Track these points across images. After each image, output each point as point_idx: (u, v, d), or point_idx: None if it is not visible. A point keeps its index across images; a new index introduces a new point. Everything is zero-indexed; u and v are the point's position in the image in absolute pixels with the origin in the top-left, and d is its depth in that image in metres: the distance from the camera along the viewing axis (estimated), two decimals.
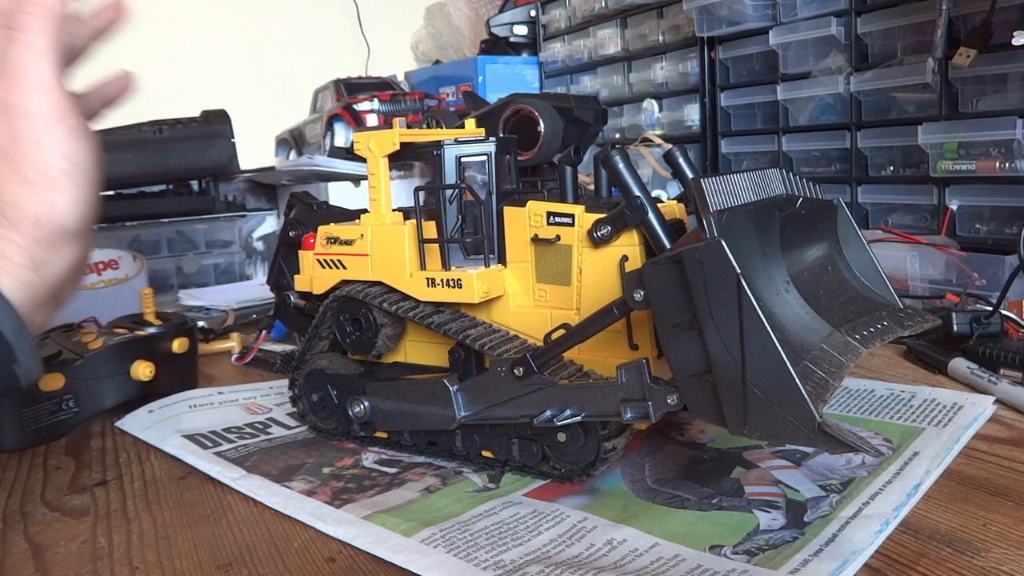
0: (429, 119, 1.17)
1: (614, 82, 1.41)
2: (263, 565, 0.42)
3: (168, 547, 0.44)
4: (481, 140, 0.52)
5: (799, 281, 0.46)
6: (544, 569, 0.39)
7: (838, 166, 1.07)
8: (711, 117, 1.23)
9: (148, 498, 0.51)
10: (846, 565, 0.38)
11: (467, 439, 0.52)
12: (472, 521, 0.45)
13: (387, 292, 0.53)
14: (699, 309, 0.36)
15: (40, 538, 0.46)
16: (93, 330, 0.71)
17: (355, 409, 0.55)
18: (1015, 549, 0.39)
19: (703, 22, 1.17)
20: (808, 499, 0.45)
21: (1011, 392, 0.59)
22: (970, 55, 0.85)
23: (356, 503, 0.48)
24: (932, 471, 0.48)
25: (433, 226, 0.52)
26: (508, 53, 1.60)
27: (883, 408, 0.59)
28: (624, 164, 0.45)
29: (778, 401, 0.35)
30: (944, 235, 0.92)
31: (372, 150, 0.53)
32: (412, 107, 1.38)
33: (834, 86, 1.02)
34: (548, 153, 1.04)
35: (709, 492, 0.47)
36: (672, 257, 0.37)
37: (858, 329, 0.45)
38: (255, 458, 0.56)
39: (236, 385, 0.73)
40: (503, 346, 0.49)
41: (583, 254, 0.48)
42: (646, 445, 0.55)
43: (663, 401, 0.41)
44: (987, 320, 0.68)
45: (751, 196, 0.42)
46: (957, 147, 0.90)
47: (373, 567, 0.41)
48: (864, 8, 0.99)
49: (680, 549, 0.41)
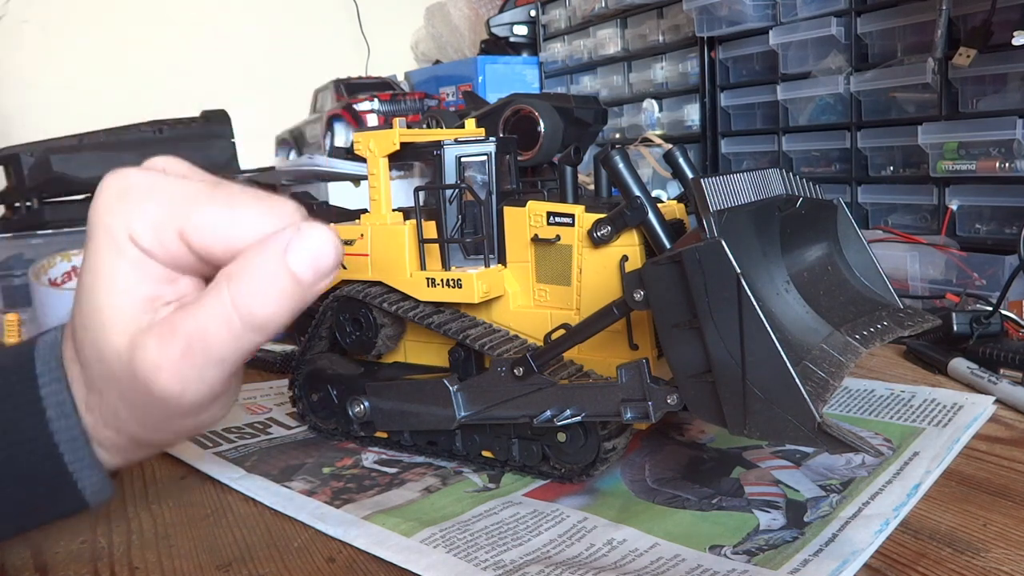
0: (429, 119, 1.17)
1: (614, 82, 1.41)
2: (263, 565, 0.42)
3: (168, 547, 0.44)
4: (481, 140, 0.52)
5: (799, 281, 0.46)
6: (544, 569, 0.39)
7: (838, 166, 1.07)
8: (711, 117, 1.23)
9: (148, 498, 0.51)
10: (846, 565, 0.38)
11: (467, 439, 0.52)
12: (472, 521, 0.45)
13: (387, 292, 0.53)
14: (699, 309, 0.36)
15: (40, 538, 0.46)
16: None
17: (355, 409, 0.55)
18: (1015, 549, 0.39)
19: (703, 22, 1.17)
20: (808, 499, 0.46)
21: (1011, 392, 0.59)
22: (970, 55, 0.85)
23: (356, 503, 0.48)
24: (932, 471, 0.48)
25: (433, 226, 0.52)
26: (508, 53, 1.60)
27: (883, 408, 0.59)
28: (624, 164, 0.45)
29: (778, 401, 0.35)
30: (944, 235, 0.92)
31: (372, 150, 0.53)
32: (412, 107, 1.38)
33: (834, 86, 1.02)
34: (548, 153, 1.04)
35: (709, 492, 0.47)
36: (672, 257, 0.37)
37: (858, 329, 0.45)
38: (255, 458, 0.56)
39: None
40: (503, 346, 0.49)
41: (583, 254, 0.48)
42: (646, 445, 0.55)
43: (663, 401, 0.41)
44: (987, 320, 0.68)
45: (751, 196, 0.42)
46: (957, 147, 0.90)
47: (373, 567, 0.41)
48: (864, 8, 0.99)
49: (680, 549, 0.41)
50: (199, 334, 0.32)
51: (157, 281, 0.34)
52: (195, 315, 0.33)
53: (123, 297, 0.34)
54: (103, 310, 0.34)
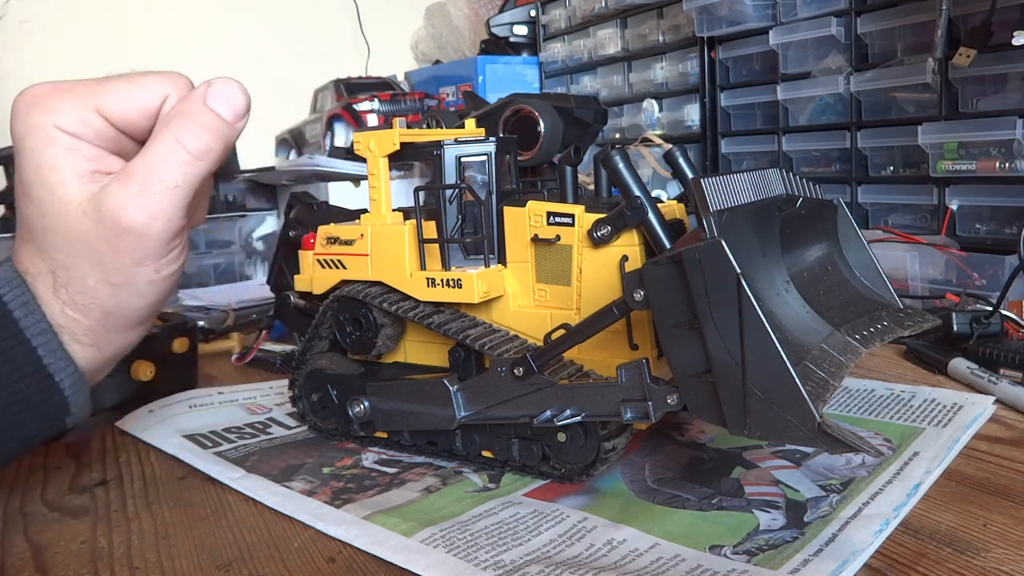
0: (429, 119, 1.17)
1: (614, 82, 1.41)
2: (263, 565, 0.42)
3: (168, 547, 0.44)
4: (481, 140, 0.52)
5: (799, 281, 0.46)
6: (544, 569, 0.39)
7: (838, 166, 1.07)
8: (711, 117, 1.23)
9: (148, 498, 0.51)
10: (846, 565, 0.38)
11: (467, 439, 0.52)
12: (472, 521, 0.45)
13: (387, 292, 0.53)
14: (699, 309, 0.36)
15: (40, 538, 0.46)
16: None
17: (355, 409, 0.55)
18: (1015, 549, 0.39)
19: (703, 22, 1.17)
20: (808, 499, 0.46)
21: (1011, 392, 0.59)
22: (970, 55, 0.85)
23: (356, 503, 0.48)
24: (932, 471, 0.48)
25: (433, 226, 0.52)
26: (508, 53, 1.60)
27: (883, 408, 0.59)
28: (624, 164, 0.45)
29: (778, 401, 0.35)
30: (944, 235, 0.92)
31: (372, 150, 0.53)
32: (412, 107, 1.38)
33: (834, 86, 1.02)
34: (548, 153, 1.04)
35: (709, 492, 0.47)
36: (672, 257, 0.37)
37: (858, 329, 0.45)
38: (255, 458, 0.56)
39: (236, 385, 0.73)
40: (503, 346, 0.49)
41: (583, 254, 0.48)
42: (646, 445, 0.55)
43: (663, 401, 0.41)
44: (987, 320, 0.68)
45: (751, 196, 0.42)
46: (957, 147, 0.90)
47: (373, 567, 0.41)
48: (864, 8, 0.99)
49: (680, 549, 0.41)
50: (153, 169, 0.41)
51: (91, 160, 0.41)
52: (145, 156, 0.41)
53: (68, 173, 0.41)
54: (55, 189, 0.40)
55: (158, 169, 0.41)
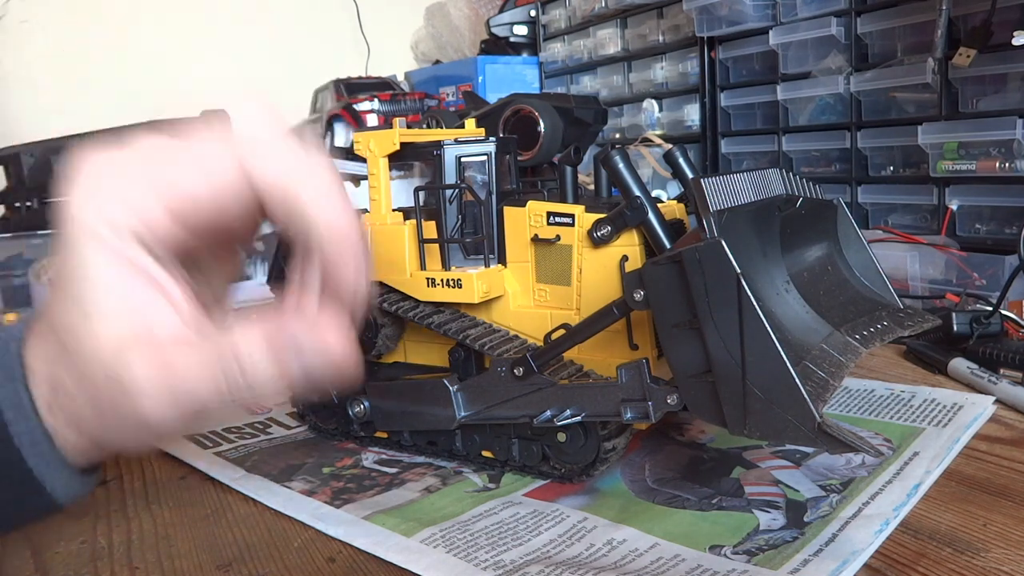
0: (429, 119, 1.17)
1: (614, 82, 1.41)
2: (263, 565, 0.42)
3: (168, 547, 0.44)
4: (481, 140, 0.52)
5: (799, 281, 0.46)
6: (544, 569, 0.39)
7: (838, 166, 1.07)
8: (711, 117, 1.23)
9: (148, 498, 0.51)
10: (846, 565, 0.38)
11: (467, 439, 0.52)
12: (472, 521, 0.45)
13: (387, 292, 0.53)
14: (699, 309, 0.36)
15: (40, 538, 0.46)
16: None
17: (355, 409, 0.55)
18: (1015, 549, 0.39)
19: (703, 22, 1.17)
20: (808, 499, 0.45)
21: (1011, 392, 0.59)
22: (970, 55, 0.85)
23: (356, 503, 0.48)
24: (932, 471, 0.48)
25: (433, 226, 0.52)
26: (508, 53, 1.60)
27: (883, 408, 0.59)
28: (624, 164, 0.44)
29: (778, 401, 0.35)
30: (944, 235, 0.91)
31: (372, 150, 0.53)
32: (412, 107, 1.38)
33: (834, 86, 1.02)
34: (548, 153, 1.04)
35: (709, 492, 0.47)
36: (672, 257, 0.37)
37: (858, 329, 0.45)
38: (255, 458, 0.56)
39: None
40: (503, 346, 0.49)
41: (583, 254, 0.48)
42: (646, 445, 0.55)
43: (663, 401, 0.41)
44: (987, 320, 0.68)
45: (751, 196, 0.42)
46: (957, 147, 0.90)
47: (373, 567, 0.41)
48: (864, 8, 0.99)
49: (680, 549, 0.41)
50: (190, 384, 0.31)
51: (146, 278, 0.32)
52: (189, 357, 0.32)
53: (115, 300, 0.32)
54: (92, 316, 0.32)
55: (195, 387, 0.31)
